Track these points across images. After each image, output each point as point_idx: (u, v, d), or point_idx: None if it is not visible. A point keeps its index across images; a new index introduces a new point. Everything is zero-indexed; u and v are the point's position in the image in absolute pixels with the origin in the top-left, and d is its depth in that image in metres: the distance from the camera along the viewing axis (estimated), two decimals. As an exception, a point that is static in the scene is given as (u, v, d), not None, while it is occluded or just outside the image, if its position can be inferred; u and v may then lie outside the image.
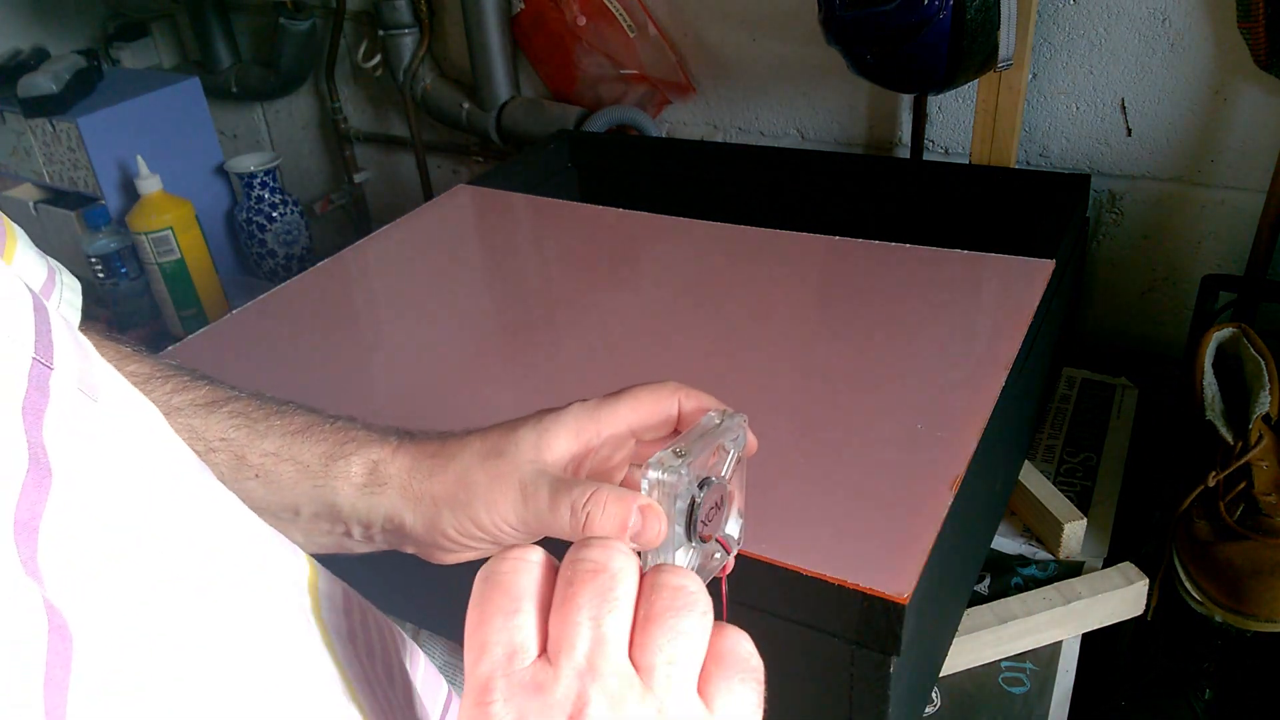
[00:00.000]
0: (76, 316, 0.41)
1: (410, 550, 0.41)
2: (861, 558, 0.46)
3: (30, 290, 0.25)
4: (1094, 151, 0.93)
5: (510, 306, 0.76)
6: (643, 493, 0.35)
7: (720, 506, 0.38)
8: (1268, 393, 0.72)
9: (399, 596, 0.68)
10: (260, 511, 0.39)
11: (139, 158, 1.15)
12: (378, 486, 0.39)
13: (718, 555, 0.39)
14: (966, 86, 0.90)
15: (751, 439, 0.40)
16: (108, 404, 0.25)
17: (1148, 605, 0.66)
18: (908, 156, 1.00)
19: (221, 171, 1.34)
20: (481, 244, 0.87)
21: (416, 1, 1.22)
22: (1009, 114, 0.89)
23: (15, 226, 0.41)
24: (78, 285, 0.43)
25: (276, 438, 0.41)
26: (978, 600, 0.65)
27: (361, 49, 1.31)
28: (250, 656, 0.25)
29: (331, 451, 0.40)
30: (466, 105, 1.23)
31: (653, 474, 0.35)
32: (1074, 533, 0.69)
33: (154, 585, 0.23)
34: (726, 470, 0.39)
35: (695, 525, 0.37)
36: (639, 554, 0.36)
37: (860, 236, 0.76)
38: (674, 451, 0.36)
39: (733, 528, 0.40)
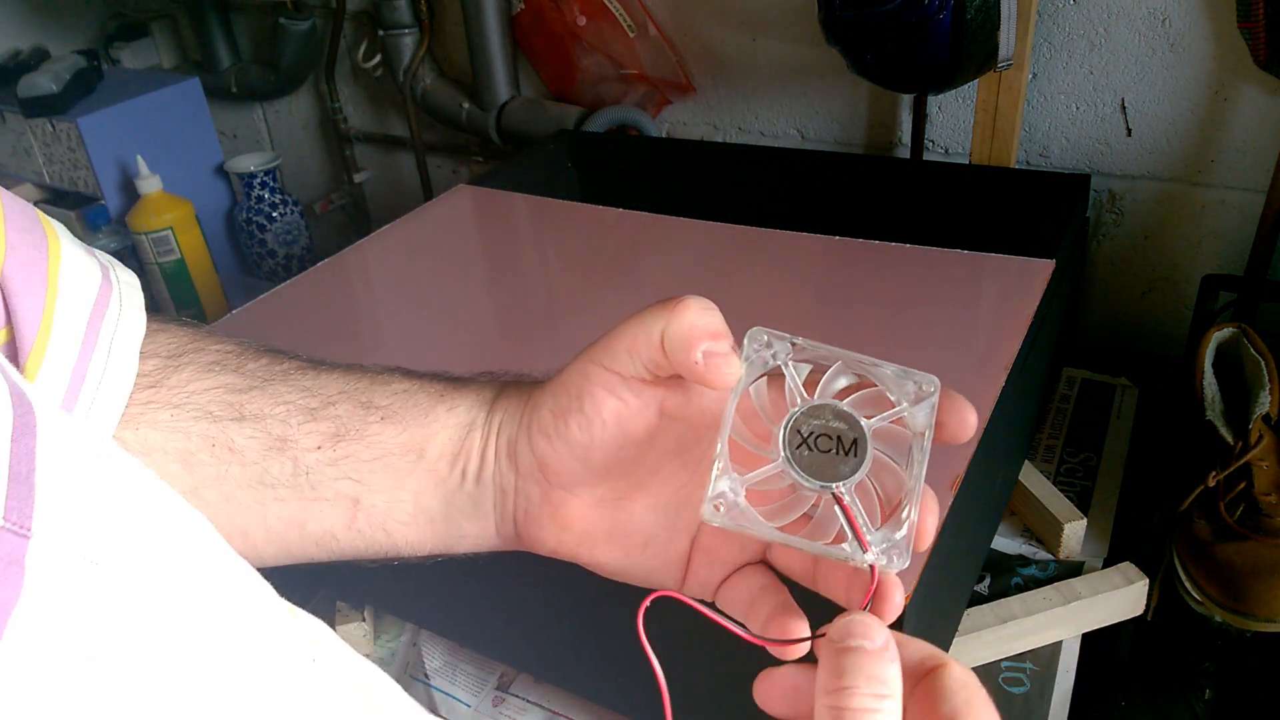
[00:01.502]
0: (141, 317, 0.39)
1: (521, 508, 0.38)
2: (861, 558, 0.46)
3: (15, 397, 0.19)
4: (1094, 151, 0.93)
5: (510, 306, 0.76)
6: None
7: (854, 455, 0.31)
8: (1268, 393, 0.72)
9: (400, 597, 0.69)
10: (379, 461, 0.38)
11: (139, 158, 1.15)
12: (496, 405, 0.39)
13: (845, 546, 0.31)
14: (966, 86, 0.90)
15: (961, 417, 0.32)
16: (114, 563, 0.19)
17: (1148, 605, 0.66)
18: (908, 157, 1.00)
19: (221, 171, 1.34)
20: (481, 244, 0.87)
21: (416, 1, 1.22)
22: (1009, 114, 0.89)
23: (54, 223, 0.38)
24: (135, 280, 0.40)
25: (403, 381, 0.41)
26: (978, 600, 0.65)
27: (361, 49, 1.31)
28: None
29: (460, 381, 0.41)
30: (466, 105, 1.23)
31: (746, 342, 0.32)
32: (1074, 533, 0.69)
33: None
34: (876, 421, 0.31)
35: (787, 436, 0.30)
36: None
37: (860, 236, 0.76)
38: (790, 339, 0.32)
39: (886, 534, 0.31)
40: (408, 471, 0.38)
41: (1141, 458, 0.79)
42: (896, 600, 0.31)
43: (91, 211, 1.20)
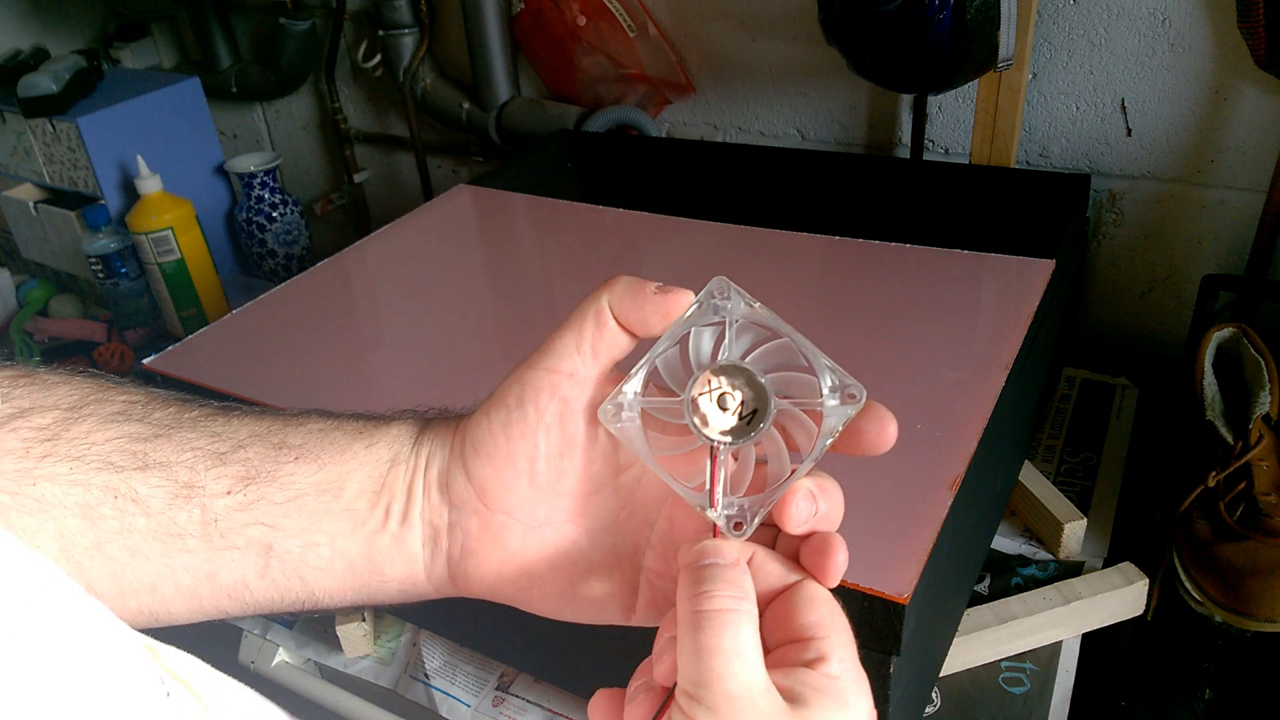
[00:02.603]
0: None
1: (457, 543, 0.37)
2: (861, 558, 0.46)
3: None
4: (1094, 151, 0.93)
5: (510, 307, 0.76)
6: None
7: (749, 424, 0.33)
8: (1268, 392, 0.72)
9: (399, 596, 0.69)
10: (293, 503, 0.36)
11: (139, 158, 1.15)
12: (423, 438, 0.38)
13: (698, 495, 0.34)
14: (966, 86, 0.90)
15: (882, 426, 0.33)
16: None
17: (1148, 605, 0.66)
18: (908, 157, 1.00)
19: (221, 171, 1.34)
20: (481, 244, 0.87)
21: (416, 1, 1.22)
22: (1009, 114, 0.89)
23: None
24: None
25: (319, 421, 0.39)
26: (978, 600, 0.65)
27: (361, 49, 1.31)
28: None
29: (382, 419, 0.39)
30: (466, 105, 1.23)
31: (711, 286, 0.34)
32: (1074, 533, 0.69)
33: None
34: (787, 404, 0.33)
35: (696, 382, 0.33)
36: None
37: (860, 236, 0.76)
38: (749, 300, 0.34)
39: (742, 504, 0.33)
40: (324, 512, 0.37)
41: (1141, 458, 0.79)
42: (732, 555, 0.32)
43: (91, 211, 1.20)
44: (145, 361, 0.69)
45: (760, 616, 0.32)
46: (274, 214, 1.30)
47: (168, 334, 1.22)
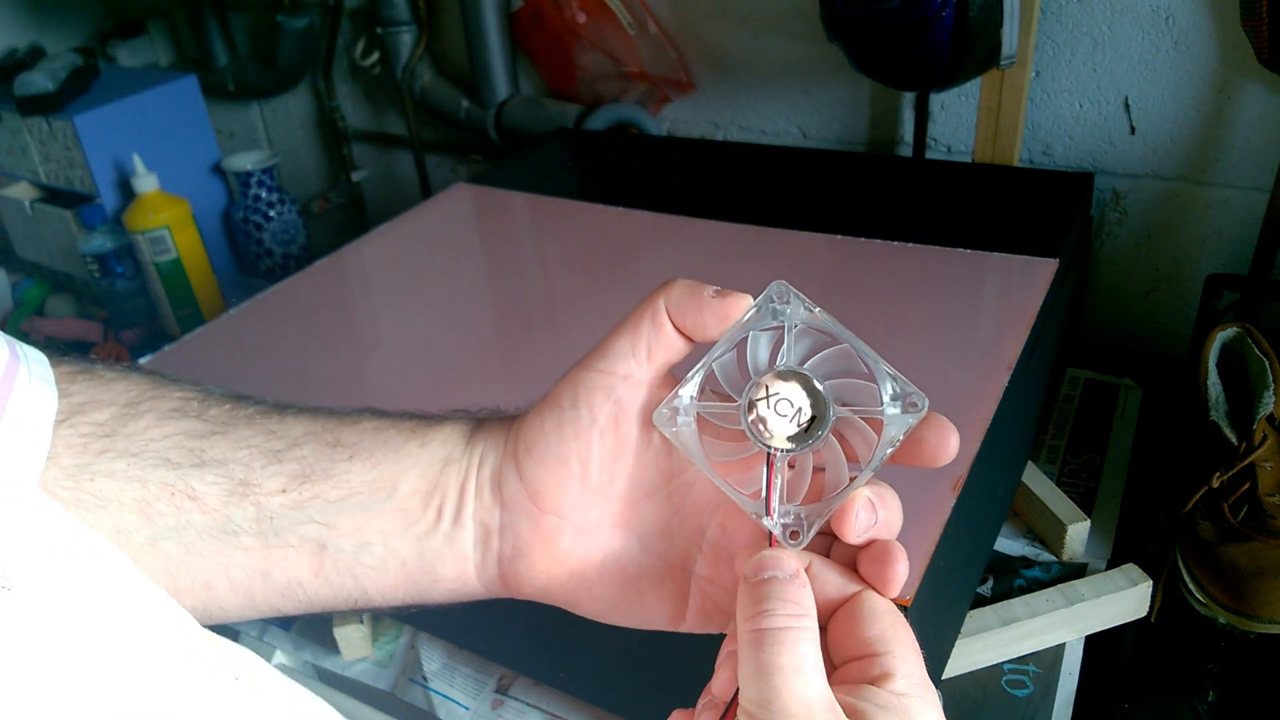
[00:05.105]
0: (51, 393, 0.36)
1: (509, 544, 0.37)
2: (865, 561, 0.45)
3: None
4: (1097, 150, 0.92)
5: (509, 306, 0.75)
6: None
7: (806, 431, 0.32)
8: (1271, 393, 0.71)
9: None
10: (347, 501, 0.36)
11: (135, 156, 1.15)
12: (475, 438, 0.38)
13: (754, 503, 0.33)
14: (969, 84, 0.89)
15: (943, 437, 0.32)
16: (25, 591, 0.21)
17: (1151, 607, 0.65)
18: (910, 155, 0.99)
19: (218, 170, 1.33)
20: (480, 243, 0.87)
21: (415, -1, 1.22)
22: (1012, 112, 0.89)
23: None
24: (43, 356, 0.38)
25: (372, 420, 0.39)
26: (980, 602, 0.65)
27: (359, 46, 1.30)
28: None
29: (434, 418, 0.39)
30: (465, 103, 1.23)
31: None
32: (1077, 534, 0.68)
33: None
34: (846, 412, 0.32)
35: (752, 388, 0.32)
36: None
37: (862, 235, 0.76)
38: (808, 305, 0.33)
39: (798, 513, 0.32)
40: (376, 511, 0.37)
41: (1145, 458, 0.79)
42: (791, 567, 0.31)
43: (87, 210, 1.19)
44: (141, 361, 0.69)
45: (822, 630, 0.31)
46: (271, 213, 1.29)
47: (164, 334, 1.22)
